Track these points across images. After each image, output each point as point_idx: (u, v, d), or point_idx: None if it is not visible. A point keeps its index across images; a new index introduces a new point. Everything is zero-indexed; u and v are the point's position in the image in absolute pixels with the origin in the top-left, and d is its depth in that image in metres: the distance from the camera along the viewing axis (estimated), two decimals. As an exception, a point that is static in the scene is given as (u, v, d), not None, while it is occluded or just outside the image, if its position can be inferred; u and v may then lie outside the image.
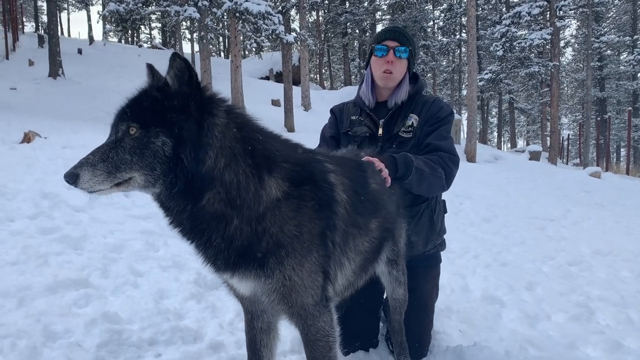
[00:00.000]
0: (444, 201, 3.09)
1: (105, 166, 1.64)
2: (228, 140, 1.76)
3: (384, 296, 3.00)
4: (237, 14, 15.35)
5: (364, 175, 2.31)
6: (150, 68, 1.84)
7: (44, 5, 26.85)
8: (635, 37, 36.58)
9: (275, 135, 2.00)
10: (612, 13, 40.44)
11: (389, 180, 2.48)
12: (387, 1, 36.16)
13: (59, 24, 27.46)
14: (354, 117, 3.01)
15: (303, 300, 1.89)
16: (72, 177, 1.63)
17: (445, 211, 3.11)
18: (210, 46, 20.13)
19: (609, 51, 39.37)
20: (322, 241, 1.92)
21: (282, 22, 16.72)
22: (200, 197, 1.72)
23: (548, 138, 25.43)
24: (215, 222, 1.76)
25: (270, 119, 19.76)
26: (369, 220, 2.24)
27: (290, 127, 18.49)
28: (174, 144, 1.66)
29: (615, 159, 39.70)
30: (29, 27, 43.38)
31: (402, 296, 2.74)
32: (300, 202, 1.87)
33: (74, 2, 50.18)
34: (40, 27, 39.52)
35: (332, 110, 3.18)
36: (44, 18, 31.25)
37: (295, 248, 1.83)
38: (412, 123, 2.85)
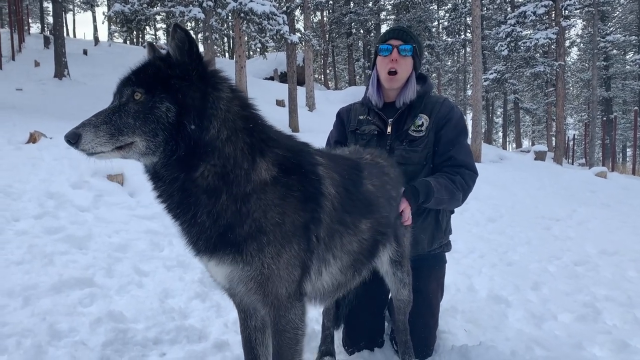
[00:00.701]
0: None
1: (108, 128, 1.65)
2: (232, 114, 1.80)
3: (389, 296, 2.99)
4: (242, 15, 15.35)
5: (358, 174, 2.29)
6: (151, 46, 1.89)
7: (50, 7, 26.93)
8: (642, 36, 36.43)
9: (270, 124, 2.01)
10: (618, 12, 40.23)
11: (407, 223, 2.60)
12: (392, 1, 36.12)
13: (64, 25, 27.59)
14: (362, 117, 3.02)
15: (277, 291, 1.88)
16: (74, 137, 1.62)
17: (452, 211, 3.10)
18: (215, 47, 20.16)
19: (614, 51, 39.18)
20: (305, 234, 1.91)
21: (287, 23, 16.71)
22: (196, 168, 1.74)
23: (553, 138, 25.38)
24: (205, 196, 1.77)
25: (274, 119, 19.66)
26: (359, 220, 2.21)
27: (294, 127, 18.48)
28: (178, 111, 1.69)
29: (621, 159, 39.58)
30: (35, 28, 43.63)
31: (406, 297, 2.73)
32: (287, 190, 1.87)
33: (79, 3, 50.42)
34: (46, 28, 39.70)
35: (338, 114, 3.19)
36: (50, 19, 31.40)
37: (276, 236, 1.83)
38: (423, 123, 2.86)
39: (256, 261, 1.82)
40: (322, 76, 43.40)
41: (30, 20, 37.78)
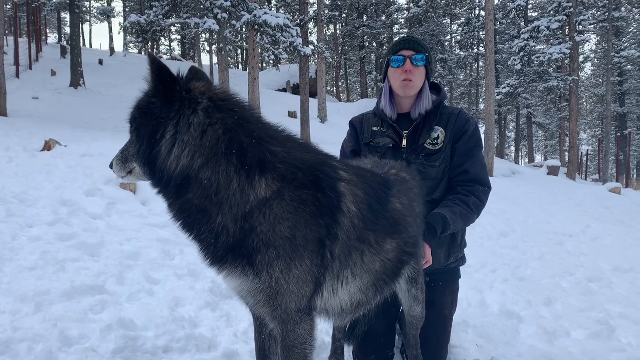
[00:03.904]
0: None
1: (122, 157, 1.98)
2: (208, 139, 1.77)
3: (401, 309, 2.97)
4: (256, 27, 15.48)
5: (386, 192, 2.22)
6: (151, 57, 1.85)
7: (68, 17, 27.37)
8: (657, 52, 36.13)
9: (281, 136, 1.97)
10: (632, 28, 40.02)
11: (429, 264, 2.64)
12: (405, 15, 36.26)
13: (81, 35, 28.00)
14: (375, 129, 2.98)
15: (287, 305, 1.86)
16: (110, 165, 2.05)
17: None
18: (229, 58, 20.32)
19: (629, 66, 38.89)
20: (318, 249, 1.86)
21: (300, 35, 16.81)
22: (185, 191, 1.81)
23: (566, 153, 25.15)
24: (200, 216, 1.83)
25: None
26: (384, 239, 2.14)
27: (306, 139, 18.53)
28: (150, 142, 1.80)
29: (635, 175, 39.11)
30: (52, 38, 44.27)
31: (419, 314, 2.68)
32: (298, 204, 1.83)
33: (96, 14, 51.06)
34: (63, 39, 40.29)
35: (351, 123, 3.15)
36: (67, 29, 31.89)
37: (286, 251, 1.80)
38: (439, 136, 2.84)
39: (265, 275, 1.81)
40: (335, 88, 43.50)
41: (48, 31, 38.38)
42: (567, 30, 23.56)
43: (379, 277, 2.17)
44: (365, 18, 37.24)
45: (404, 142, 2.88)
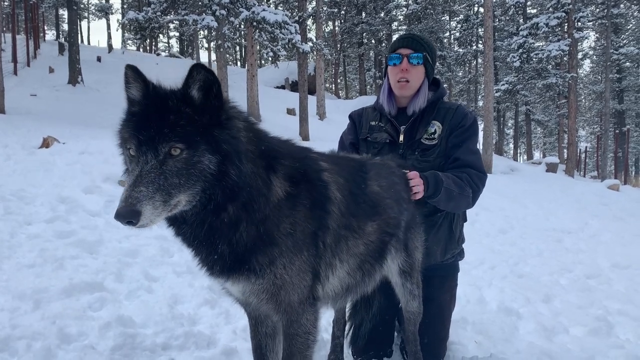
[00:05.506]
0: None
1: (161, 195, 1.53)
2: (250, 144, 1.73)
3: (399, 306, 2.97)
4: (254, 23, 15.47)
5: (363, 176, 2.27)
6: (135, 71, 1.71)
7: (65, 14, 27.28)
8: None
9: (271, 134, 1.97)
10: (631, 25, 39.99)
11: (418, 195, 2.51)
12: (404, 12, 36.21)
13: (79, 32, 27.92)
14: (373, 123, 2.98)
15: (290, 298, 1.88)
16: (135, 216, 1.48)
17: (464, 219, 3.07)
18: (227, 55, 20.30)
19: (628, 63, 38.87)
20: (313, 241, 1.91)
21: (299, 32, 16.80)
22: (225, 208, 1.69)
23: (565, 150, 25.18)
24: (227, 229, 1.74)
25: (285, 127, 19.80)
26: (364, 223, 2.19)
27: (305, 136, 18.51)
28: (219, 160, 1.61)
29: (634, 172, 39.16)
30: (50, 35, 44.15)
31: (416, 309, 2.69)
32: (297, 200, 1.86)
33: (94, 10, 51.01)
34: (61, 35, 40.23)
35: (350, 116, 3.15)
36: (65, 26, 31.79)
37: (287, 246, 1.82)
38: (435, 130, 2.82)
39: (268, 273, 1.82)
40: (333, 85, 43.48)
41: (45, 27, 38.27)
42: (565, 27, 23.56)
43: (363, 259, 2.22)
44: (363, 15, 37.17)
45: (401, 137, 2.87)
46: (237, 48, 48.24)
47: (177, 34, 48.64)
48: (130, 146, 1.62)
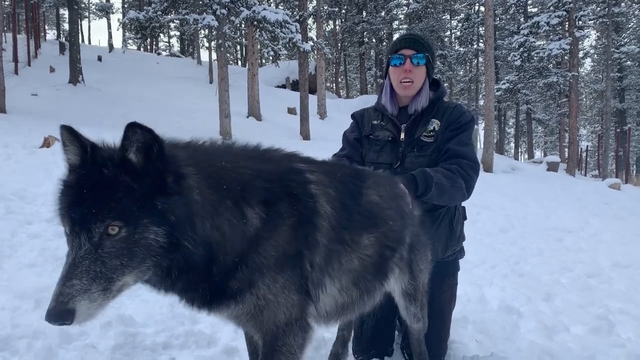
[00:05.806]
0: (463, 207, 3.06)
1: (99, 285, 1.36)
2: (207, 197, 1.56)
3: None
4: (255, 23, 15.47)
5: (358, 184, 2.10)
6: (71, 132, 1.49)
7: (66, 14, 27.27)
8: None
9: (240, 150, 1.85)
10: (632, 24, 39.95)
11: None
12: (404, 11, 36.19)
13: (79, 31, 27.93)
14: (375, 122, 3.00)
15: (276, 317, 1.74)
16: (67, 316, 1.33)
17: (465, 217, 3.07)
18: (228, 54, 20.30)
19: (629, 62, 38.85)
20: (298, 259, 1.76)
21: (299, 31, 16.78)
22: (190, 271, 1.57)
23: (566, 149, 25.16)
24: (200, 277, 1.61)
25: (286, 126, 19.83)
26: (359, 235, 2.01)
27: (305, 135, 18.52)
28: (167, 231, 1.44)
29: (635, 171, 39.10)
30: (51, 34, 44.19)
31: (420, 328, 2.64)
32: (277, 220, 1.71)
33: (95, 10, 51.04)
34: (61, 35, 40.19)
35: (353, 115, 3.18)
36: (66, 26, 31.80)
37: (270, 267, 1.68)
38: (434, 127, 2.83)
39: (248, 297, 1.69)
40: (334, 84, 43.45)
41: (46, 27, 38.31)
42: (566, 25, 23.52)
43: (359, 276, 2.03)
44: (364, 14, 37.15)
45: (402, 135, 2.88)
46: (238, 47, 48.26)
47: (178, 33, 48.66)
48: (64, 225, 1.47)
